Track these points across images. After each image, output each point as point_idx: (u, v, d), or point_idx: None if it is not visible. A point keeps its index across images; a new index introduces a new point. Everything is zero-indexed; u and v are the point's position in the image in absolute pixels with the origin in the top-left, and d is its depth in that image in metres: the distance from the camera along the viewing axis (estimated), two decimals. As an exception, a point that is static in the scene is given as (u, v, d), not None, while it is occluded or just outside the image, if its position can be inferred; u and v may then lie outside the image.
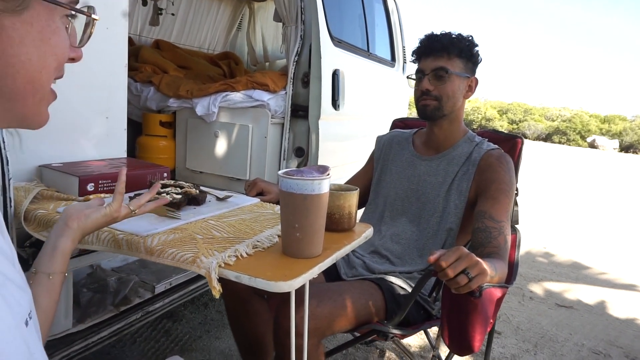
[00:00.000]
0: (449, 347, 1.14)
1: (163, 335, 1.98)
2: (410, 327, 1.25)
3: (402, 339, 1.32)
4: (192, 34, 3.36)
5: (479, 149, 1.36)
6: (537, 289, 3.05)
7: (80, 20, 0.53)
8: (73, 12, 0.50)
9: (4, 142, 1.05)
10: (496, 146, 1.38)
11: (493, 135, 1.51)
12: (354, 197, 1.02)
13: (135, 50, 2.63)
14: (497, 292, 1.07)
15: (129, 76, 2.33)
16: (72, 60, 0.53)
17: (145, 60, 2.58)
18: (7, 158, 1.07)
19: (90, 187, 1.16)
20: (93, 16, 0.52)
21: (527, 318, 2.55)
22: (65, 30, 0.50)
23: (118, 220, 0.81)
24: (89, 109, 1.35)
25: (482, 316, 1.01)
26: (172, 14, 3.07)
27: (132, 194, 1.13)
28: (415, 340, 2.12)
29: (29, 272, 0.69)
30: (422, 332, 1.33)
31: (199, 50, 3.38)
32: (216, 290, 0.76)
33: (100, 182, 1.18)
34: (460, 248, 0.92)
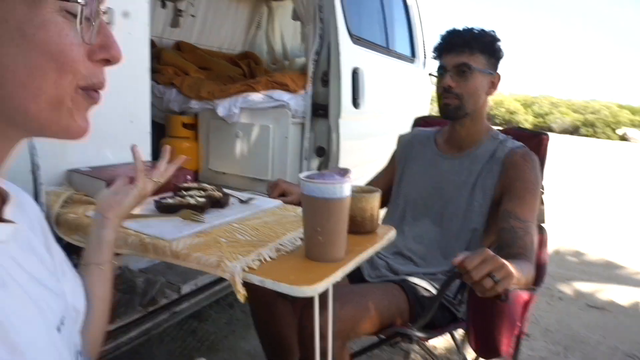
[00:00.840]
0: (475, 350, 1.12)
1: (190, 335, 2.01)
2: (435, 329, 1.24)
3: (427, 341, 1.31)
4: (212, 34, 3.39)
5: (503, 147, 1.33)
6: (567, 289, 2.97)
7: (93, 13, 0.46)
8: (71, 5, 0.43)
9: (34, 148, 1.09)
10: (521, 144, 1.35)
11: (517, 133, 1.47)
12: (375, 199, 1.01)
13: (156, 53, 2.67)
14: (525, 295, 1.05)
15: (152, 79, 2.36)
16: (107, 62, 0.47)
17: (167, 63, 2.62)
18: (37, 164, 1.10)
19: (116, 191, 1.19)
20: (80, 1, 0.43)
21: (557, 319, 2.49)
22: (71, 27, 0.43)
23: (148, 195, 0.85)
24: (115, 114, 1.38)
25: (509, 320, 0.99)
26: (192, 16, 3.10)
27: (157, 198, 1.14)
28: (441, 343, 2.10)
29: (80, 265, 0.73)
30: (447, 334, 1.31)
31: (219, 50, 3.41)
32: (241, 294, 0.77)
33: (126, 186, 1.20)
34: (485, 250, 0.91)
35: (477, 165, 1.34)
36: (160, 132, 2.37)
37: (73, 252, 1.15)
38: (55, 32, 0.42)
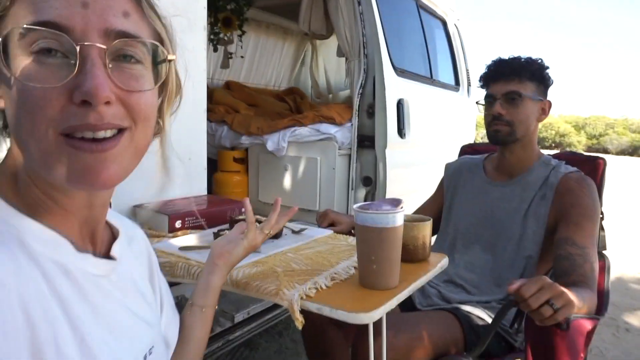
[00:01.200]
0: (536, 382, 1.08)
1: (242, 364, 2.05)
2: (491, 359, 1.21)
3: (484, 372, 1.27)
4: (259, 72, 3.56)
5: (556, 172, 1.31)
6: (634, 319, 2.78)
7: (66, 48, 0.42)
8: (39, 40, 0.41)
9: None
10: (575, 169, 1.32)
11: (571, 157, 1.44)
12: (427, 227, 1.03)
13: (209, 93, 2.83)
14: (587, 324, 1.01)
15: (205, 117, 2.50)
16: (86, 102, 0.41)
17: (218, 102, 2.77)
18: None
19: (178, 224, 1.27)
20: (25, 26, 0.41)
21: (624, 352, 2.33)
22: (35, 67, 0.41)
23: (258, 246, 0.86)
24: (174, 153, 1.48)
25: (571, 350, 0.96)
26: (242, 57, 3.28)
27: (215, 229, 1.21)
28: (497, 374, 2.01)
29: (187, 304, 0.77)
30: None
31: (265, 87, 3.57)
32: (299, 321, 0.80)
33: (186, 219, 1.29)
34: (543, 277, 0.89)
35: (529, 192, 1.33)
36: (212, 167, 2.49)
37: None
38: (23, 75, 0.41)
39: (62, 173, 0.43)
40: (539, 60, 1.32)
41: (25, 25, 0.40)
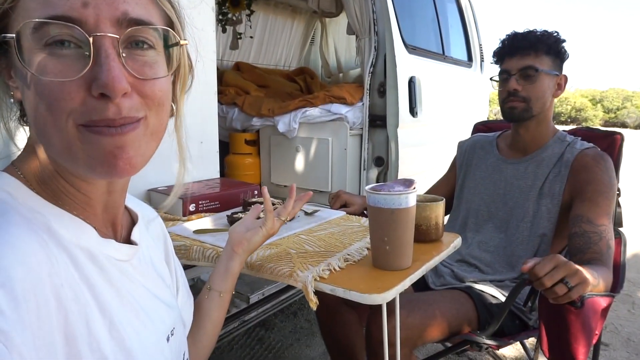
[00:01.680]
0: None
1: (257, 343, 2.09)
2: (505, 337, 1.22)
3: (497, 349, 1.28)
4: (268, 53, 3.53)
5: (572, 148, 1.29)
6: (649, 295, 2.77)
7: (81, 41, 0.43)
8: (54, 34, 0.41)
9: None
10: (591, 145, 1.30)
11: (587, 134, 1.42)
12: (440, 207, 1.02)
13: (219, 75, 2.82)
14: (602, 302, 1.01)
15: (216, 100, 2.50)
16: (104, 95, 0.42)
17: (229, 83, 2.76)
18: (123, 185, 1.22)
19: (192, 207, 1.28)
20: (54, 21, 0.41)
21: (639, 328, 2.32)
22: (52, 61, 0.41)
23: (275, 233, 0.87)
24: (186, 136, 1.49)
25: (585, 327, 0.96)
26: (251, 37, 3.25)
27: (229, 212, 1.22)
28: (511, 352, 2.03)
29: (204, 288, 0.80)
30: (518, 342, 1.28)
31: (275, 68, 3.54)
32: (313, 302, 0.81)
33: (200, 202, 1.30)
34: (557, 255, 0.89)
35: (543, 169, 1.31)
36: (224, 149, 2.50)
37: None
38: (39, 70, 0.41)
39: (83, 161, 0.44)
40: (555, 34, 1.29)
41: (37, 20, 0.40)
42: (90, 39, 0.41)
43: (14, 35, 0.41)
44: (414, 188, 0.84)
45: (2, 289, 0.37)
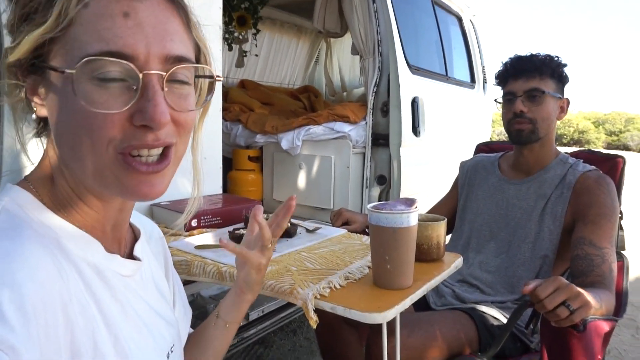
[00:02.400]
0: (552, 384, 1.07)
1: (256, 361, 2.07)
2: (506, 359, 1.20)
3: (499, 372, 1.27)
4: (273, 71, 3.58)
5: (574, 170, 1.30)
6: (654, 320, 2.73)
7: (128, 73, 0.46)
8: (103, 76, 0.43)
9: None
10: (593, 167, 1.30)
11: (589, 156, 1.42)
12: (441, 227, 1.02)
13: (224, 92, 2.85)
14: (605, 325, 1.00)
15: (220, 116, 2.52)
16: (147, 127, 0.44)
17: (233, 100, 2.79)
18: (126, 199, 1.22)
19: (194, 222, 1.28)
20: (67, 71, 0.43)
21: (643, 353, 2.29)
22: (98, 92, 0.43)
23: (270, 257, 0.75)
24: (190, 153, 1.50)
25: (588, 352, 0.95)
26: (256, 55, 3.29)
27: (230, 228, 1.22)
28: (513, 374, 2.00)
29: (213, 313, 0.76)
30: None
31: (280, 86, 3.58)
32: (313, 320, 0.80)
33: (202, 217, 1.30)
34: (558, 278, 0.88)
35: (545, 190, 1.31)
36: (227, 165, 2.51)
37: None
38: (87, 99, 0.43)
39: (116, 187, 0.46)
40: (557, 58, 1.31)
41: (95, 57, 0.42)
42: (140, 76, 0.44)
43: (74, 71, 0.42)
44: (416, 207, 0.84)
45: (13, 304, 0.37)
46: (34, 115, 0.48)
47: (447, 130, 2.64)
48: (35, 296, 0.39)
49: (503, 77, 1.35)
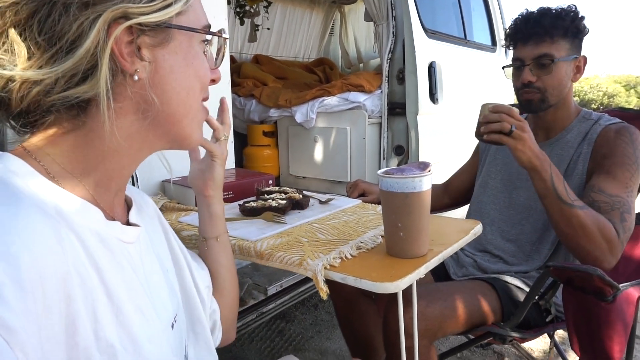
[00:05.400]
0: (579, 355, 1.03)
1: (277, 335, 2.08)
2: (530, 330, 1.16)
3: (522, 342, 1.23)
4: (287, 45, 3.50)
5: (597, 125, 1.20)
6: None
7: (213, 44, 0.58)
8: (208, 37, 0.54)
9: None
10: (618, 120, 1.20)
11: (619, 114, 1.32)
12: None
13: (237, 68, 2.81)
14: (636, 292, 0.94)
15: (233, 92, 2.49)
16: (213, 82, 0.57)
17: (247, 76, 2.75)
18: (136, 175, 1.21)
19: (205, 197, 1.26)
20: (224, 36, 0.57)
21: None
22: (204, 55, 0.54)
23: (227, 154, 0.80)
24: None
25: (618, 323, 0.89)
26: (268, 29, 3.23)
27: (241, 202, 1.20)
28: (539, 345, 1.95)
29: (199, 242, 0.79)
30: (545, 335, 1.22)
31: (294, 59, 3.51)
32: (323, 291, 0.77)
33: (213, 192, 1.28)
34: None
35: (568, 151, 1.23)
36: (242, 141, 2.49)
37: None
38: (202, 60, 0.53)
39: (198, 124, 0.56)
40: (572, 12, 1.17)
41: (216, 32, 0.56)
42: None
43: (220, 33, 0.56)
44: (429, 171, 0.79)
45: (9, 277, 0.36)
46: (135, 77, 0.47)
47: (466, 97, 2.54)
48: (32, 267, 0.37)
49: (511, 40, 1.24)
